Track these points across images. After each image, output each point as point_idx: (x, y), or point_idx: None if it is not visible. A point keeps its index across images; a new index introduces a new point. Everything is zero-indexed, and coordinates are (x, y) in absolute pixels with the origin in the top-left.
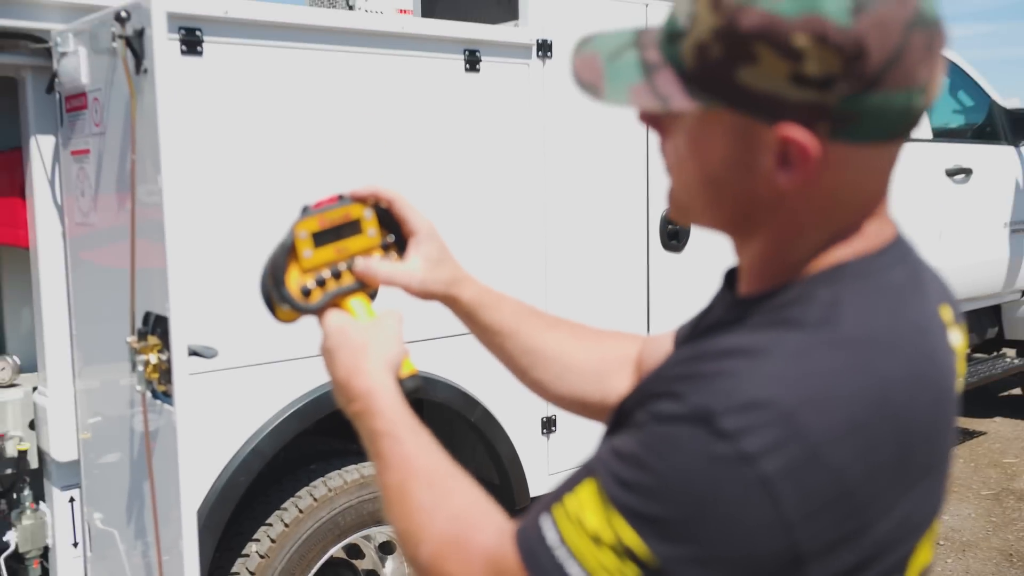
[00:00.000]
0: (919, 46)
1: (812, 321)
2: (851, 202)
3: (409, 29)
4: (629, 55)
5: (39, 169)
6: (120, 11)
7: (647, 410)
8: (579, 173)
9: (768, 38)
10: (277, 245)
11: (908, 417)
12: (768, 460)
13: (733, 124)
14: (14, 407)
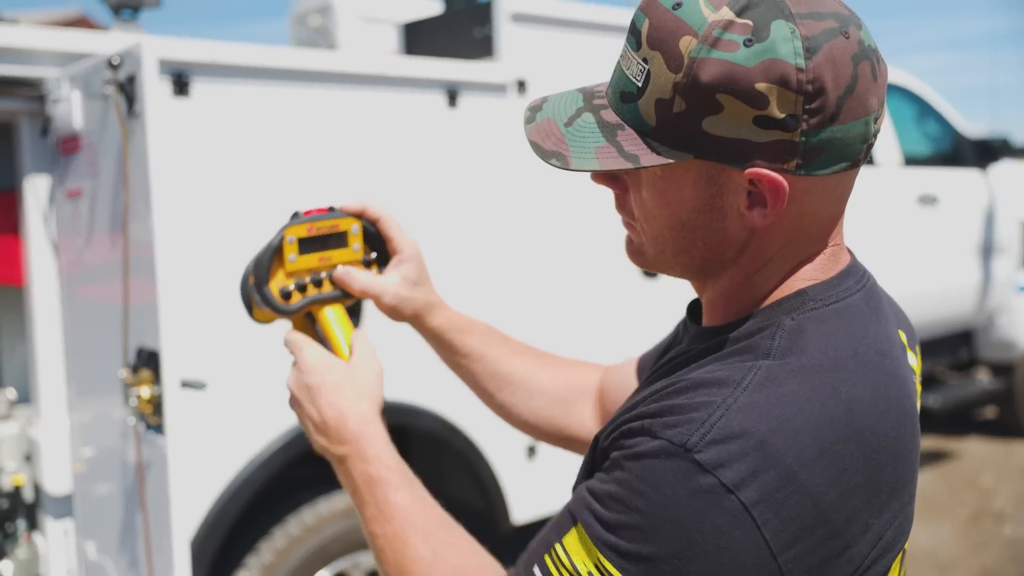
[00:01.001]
0: (867, 76)
1: (778, 349)
2: (813, 229)
3: (390, 69)
4: (585, 118)
5: (34, 209)
6: (112, 58)
7: (624, 448)
8: (557, 203)
9: (730, 87)
10: (264, 246)
11: (875, 438)
12: (749, 489)
13: (702, 172)
14: (9, 441)
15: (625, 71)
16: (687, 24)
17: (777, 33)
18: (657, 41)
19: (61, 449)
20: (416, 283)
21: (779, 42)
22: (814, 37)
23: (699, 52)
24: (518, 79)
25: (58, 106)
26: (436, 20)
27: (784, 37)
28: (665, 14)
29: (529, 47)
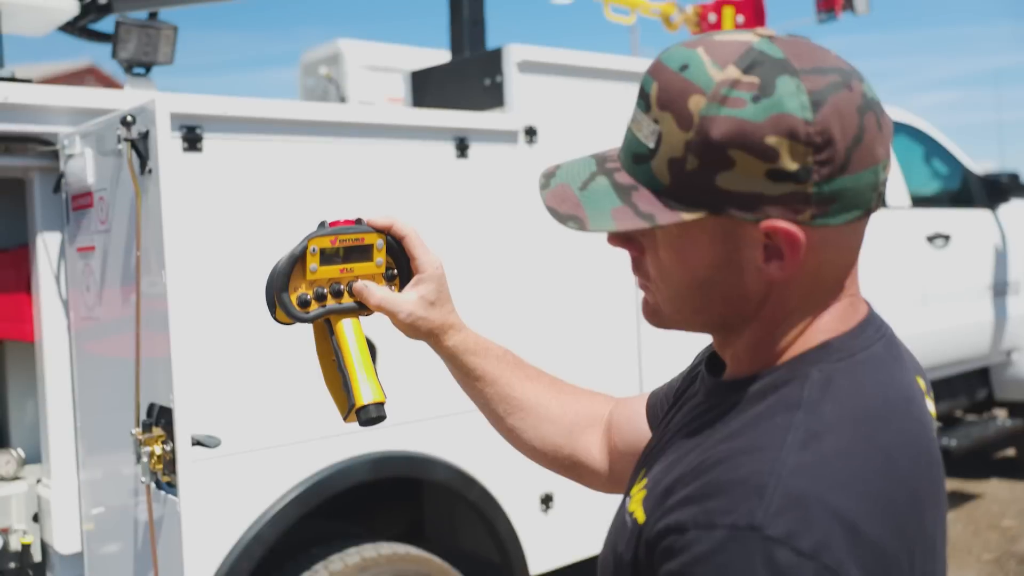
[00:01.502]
0: (872, 127)
1: (809, 402)
2: (831, 279)
3: (400, 120)
4: (599, 181)
5: (45, 265)
6: (126, 115)
7: (680, 555)
8: (569, 248)
9: (741, 143)
10: (288, 252)
11: (915, 483)
12: (827, 552)
13: (717, 227)
14: (18, 500)
15: (636, 134)
16: (695, 84)
17: (783, 88)
18: (667, 102)
19: (71, 508)
20: (434, 303)
21: (786, 97)
22: (819, 91)
23: (709, 110)
24: (528, 127)
25: (71, 162)
26: (444, 68)
27: (790, 92)
28: (673, 76)
29: (538, 95)
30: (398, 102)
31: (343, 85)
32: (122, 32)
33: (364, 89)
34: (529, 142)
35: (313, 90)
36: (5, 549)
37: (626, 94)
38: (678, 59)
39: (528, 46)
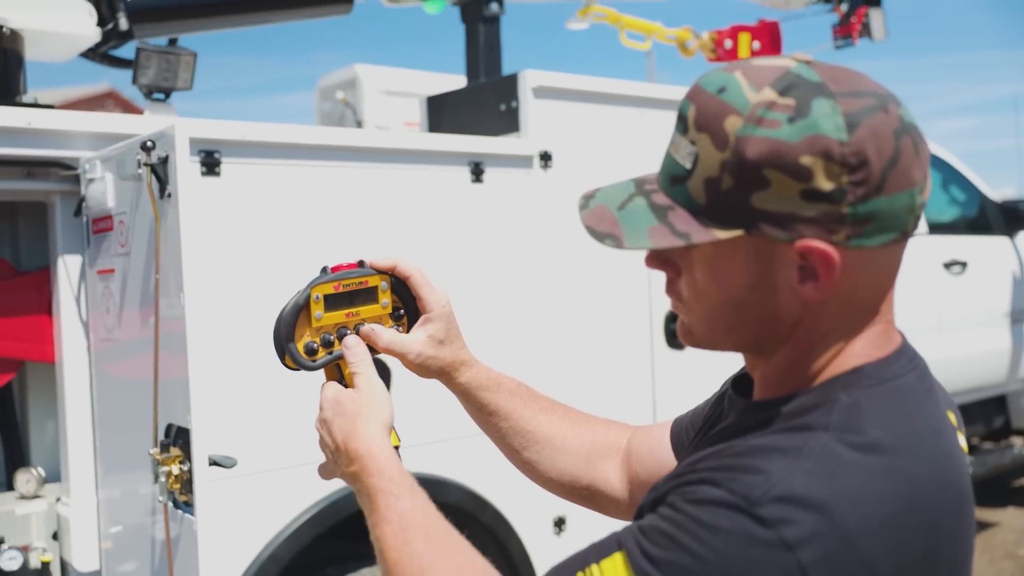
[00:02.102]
0: (909, 150)
1: (835, 425)
2: (866, 302)
3: (416, 145)
4: (637, 201)
5: (65, 288)
6: (146, 140)
7: (683, 492)
8: (583, 273)
9: (776, 163)
10: (291, 301)
11: (935, 516)
12: (807, 549)
13: (752, 247)
14: (38, 519)
15: (674, 155)
16: (732, 106)
17: (819, 110)
18: (704, 124)
19: (89, 526)
20: (443, 342)
21: (821, 118)
22: (855, 113)
23: (744, 131)
24: (543, 151)
25: (92, 186)
26: (460, 93)
27: (826, 113)
28: (710, 99)
29: (553, 120)
30: (414, 126)
31: (360, 110)
32: (142, 58)
33: (380, 114)
34: (544, 167)
35: (330, 114)
36: (25, 567)
37: (641, 119)
38: (716, 82)
39: (543, 72)
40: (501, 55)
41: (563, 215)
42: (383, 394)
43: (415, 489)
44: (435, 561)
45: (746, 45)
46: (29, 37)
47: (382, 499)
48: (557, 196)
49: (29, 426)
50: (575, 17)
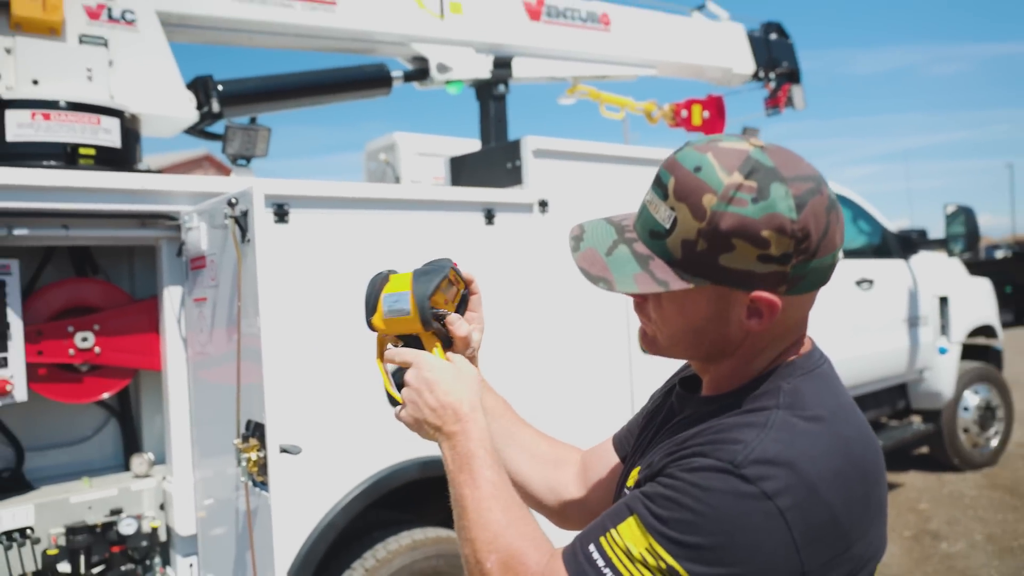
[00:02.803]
0: (835, 221)
1: (784, 404)
2: (792, 326)
3: (441, 196)
4: (621, 249)
5: (169, 312)
6: (231, 198)
7: (679, 464)
8: (574, 295)
9: (742, 234)
10: (431, 266)
11: (866, 466)
12: (783, 497)
13: (715, 293)
14: (149, 493)
15: (654, 214)
16: (708, 185)
17: (776, 193)
18: (683, 195)
19: (188, 499)
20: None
21: (778, 200)
22: (801, 195)
23: (719, 207)
24: (541, 200)
25: (190, 234)
26: (476, 155)
27: (781, 196)
28: (688, 175)
29: (548, 175)
30: (440, 180)
31: (398, 168)
32: (229, 133)
33: (414, 171)
34: (542, 212)
35: (374, 172)
36: (139, 531)
37: (617, 173)
38: (692, 160)
39: (540, 137)
40: (507, 124)
41: (557, 250)
42: (471, 367)
43: (500, 463)
44: (507, 529)
45: (698, 114)
46: (145, 120)
47: (476, 463)
48: (552, 235)
49: (142, 420)
50: (565, 95)
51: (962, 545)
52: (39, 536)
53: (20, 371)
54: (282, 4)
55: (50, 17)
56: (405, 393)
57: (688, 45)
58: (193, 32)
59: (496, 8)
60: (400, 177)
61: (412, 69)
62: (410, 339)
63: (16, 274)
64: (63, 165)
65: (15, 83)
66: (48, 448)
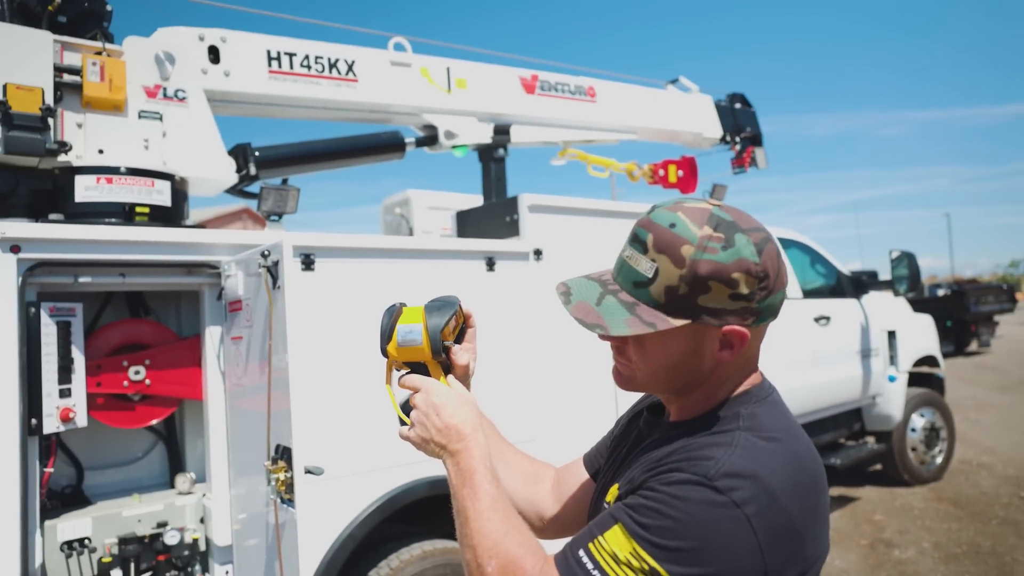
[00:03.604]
0: (784, 265)
1: (745, 427)
2: (751, 360)
3: (449, 246)
4: (609, 299)
5: (210, 349)
6: (264, 250)
7: (658, 479)
8: (565, 331)
9: (716, 276)
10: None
11: (815, 477)
12: (749, 505)
13: (693, 329)
14: (191, 508)
15: (635, 267)
16: (684, 238)
17: (740, 242)
18: (663, 248)
19: (224, 514)
20: None
21: (742, 247)
22: (759, 243)
23: (696, 255)
24: (536, 249)
25: (228, 280)
26: (479, 209)
27: (744, 244)
28: (665, 231)
29: (542, 227)
30: (448, 231)
31: (411, 220)
32: (264, 193)
33: (426, 223)
34: (536, 260)
35: (390, 224)
36: (182, 542)
37: (602, 226)
38: (666, 219)
39: (535, 195)
40: (506, 183)
41: (551, 293)
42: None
43: (498, 478)
44: (505, 537)
45: (674, 173)
46: (192, 181)
47: (477, 478)
48: (546, 280)
49: (185, 443)
50: (556, 157)
51: (912, 552)
52: (95, 545)
53: (82, 400)
54: (311, 82)
55: (115, 96)
56: (414, 415)
57: (664, 113)
58: (234, 107)
59: (496, 83)
60: (413, 228)
61: (423, 136)
62: (416, 365)
63: (80, 316)
64: (122, 222)
65: (84, 152)
66: (104, 467)
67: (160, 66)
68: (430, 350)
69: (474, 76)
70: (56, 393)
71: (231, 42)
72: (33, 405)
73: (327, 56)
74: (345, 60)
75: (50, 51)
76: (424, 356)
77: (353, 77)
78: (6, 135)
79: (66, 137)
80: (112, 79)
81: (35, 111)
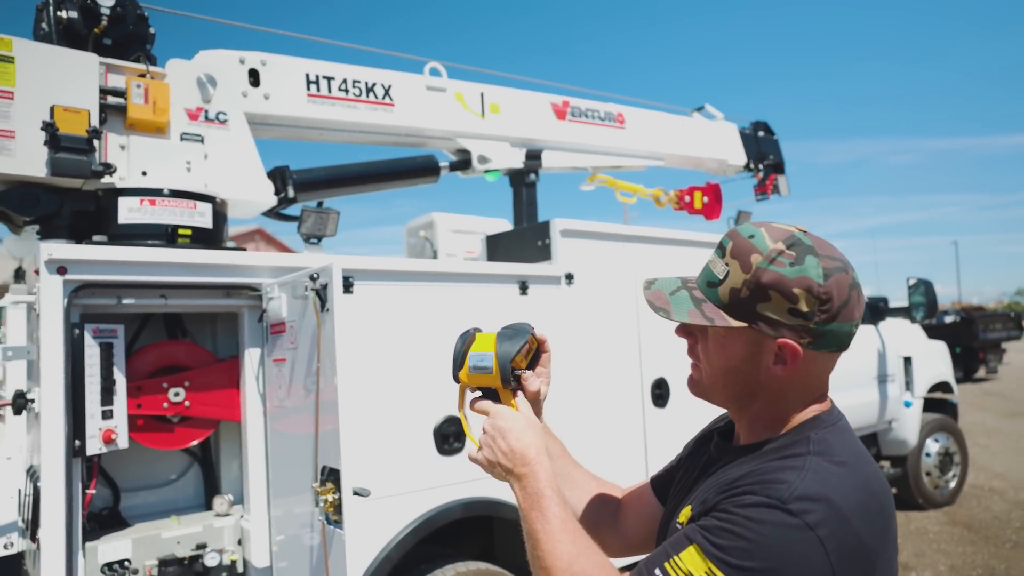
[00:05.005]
0: (855, 298)
1: (815, 451)
2: (813, 381)
3: (482, 270)
4: (682, 292)
5: (249, 370)
6: (313, 273)
7: (732, 501)
8: (596, 355)
9: (777, 288)
10: (516, 331)
11: (883, 501)
12: (822, 528)
13: (750, 336)
14: (229, 530)
15: (712, 269)
16: (756, 247)
17: (809, 263)
18: (737, 254)
19: (263, 535)
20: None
21: (810, 267)
22: (829, 269)
23: (763, 264)
24: (568, 273)
25: (271, 303)
26: (510, 233)
27: (813, 265)
28: (743, 240)
29: (574, 252)
30: (472, 254)
31: (435, 243)
32: (304, 215)
33: (450, 246)
34: (568, 284)
35: (414, 247)
36: (221, 563)
37: (632, 251)
38: (748, 231)
39: (566, 219)
40: (537, 207)
41: (582, 316)
42: (536, 419)
43: (565, 500)
44: (578, 558)
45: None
46: (231, 204)
47: (545, 501)
48: (578, 303)
49: (221, 465)
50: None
51: (929, 574)
52: (136, 567)
53: (123, 422)
54: (349, 106)
55: (158, 119)
56: (482, 439)
57: (690, 141)
58: (274, 129)
59: (528, 109)
60: (437, 251)
61: (456, 160)
62: (488, 390)
63: (122, 337)
64: (164, 243)
65: (127, 174)
66: (139, 489)
67: (202, 89)
68: (500, 378)
69: (507, 101)
70: (99, 415)
71: (271, 65)
72: (77, 426)
73: (364, 80)
74: (382, 84)
75: (96, 73)
76: (495, 383)
77: (390, 101)
78: (53, 157)
79: (110, 159)
80: (156, 101)
81: (82, 133)
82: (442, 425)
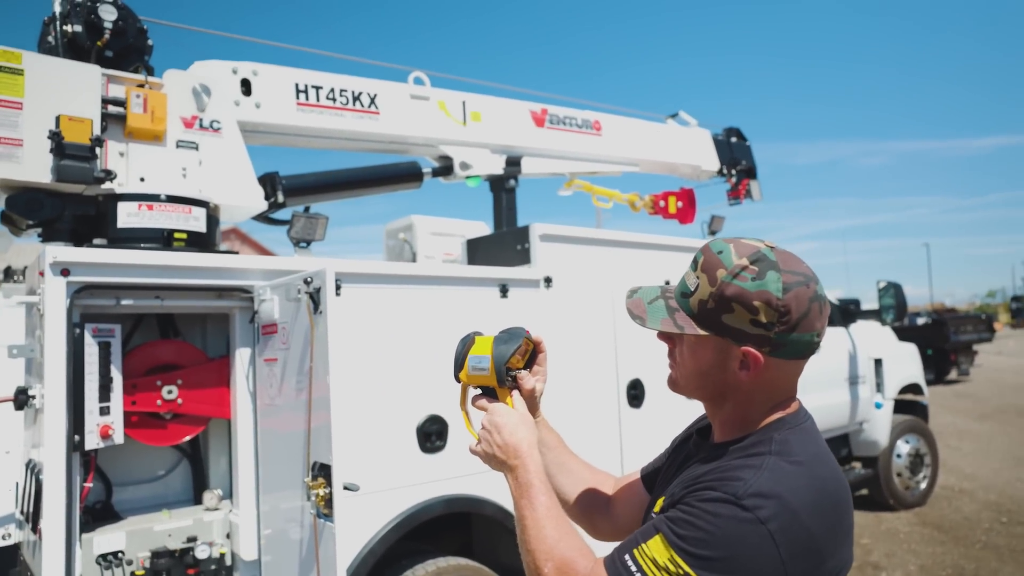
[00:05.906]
0: (815, 310)
1: (775, 451)
2: (779, 386)
3: (464, 273)
4: (659, 302)
5: (239, 369)
6: (307, 276)
7: (694, 496)
8: (573, 357)
9: (739, 300)
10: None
11: (837, 499)
12: (773, 522)
13: (717, 344)
14: (218, 524)
15: (686, 281)
16: (723, 263)
17: (770, 277)
18: (706, 268)
19: (251, 529)
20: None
21: (770, 282)
22: (789, 283)
23: (727, 279)
24: (546, 276)
25: (263, 304)
26: (490, 237)
27: (774, 280)
28: (713, 255)
29: (552, 256)
30: (452, 257)
31: (415, 246)
32: (294, 220)
33: (429, 249)
34: (547, 287)
35: (392, 249)
36: (210, 556)
37: (609, 255)
38: (718, 247)
39: (545, 224)
40: (516, 212)
41: (560, 319)
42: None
43: (552, 490)
44: (559, 542)
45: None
46: (223, 208)
47: (533, 491)
48: (556, 306)
49: (210, 461)
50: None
51: (899, 574)
52: (130, 559)
53: (119, 418)
54: (336, 114)
55: (156, 127)
56: (480, 433)
57: (664, 147)
58: (264, 137)
59: (509, 117)
60: (416, 254)
61: (439, 166)
62: (487, 388)
63: (118, 336)
64: (161, 247)
65: (126, 180)
66: (130, 484)
67: (197, 98)
68: (496, 378)
69: (488, 109)
70: (97, 411)
71: (262, 75)
72: (76, 422)
73: (351, 89)
74: (368, 93)
75: (98, 84)
76: (492, 382)
77: (375, 109)
78: (59, 164)
79: (110, 165)
80: (154, 110)
81: (85, 141)
82: (425, 424)
